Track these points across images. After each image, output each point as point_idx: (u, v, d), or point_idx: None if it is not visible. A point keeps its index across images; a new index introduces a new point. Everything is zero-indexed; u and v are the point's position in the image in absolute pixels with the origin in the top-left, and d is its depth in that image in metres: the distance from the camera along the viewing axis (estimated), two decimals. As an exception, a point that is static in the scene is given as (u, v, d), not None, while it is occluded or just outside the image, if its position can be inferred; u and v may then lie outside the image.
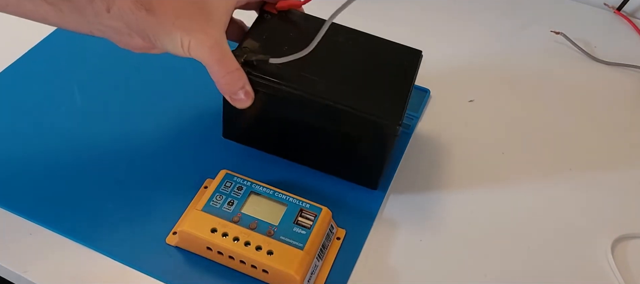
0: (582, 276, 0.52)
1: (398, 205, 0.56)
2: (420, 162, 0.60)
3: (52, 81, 0.63)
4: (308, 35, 0.48)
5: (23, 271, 0.48)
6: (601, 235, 0.55)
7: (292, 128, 0.55)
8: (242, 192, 0.51)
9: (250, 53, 0.51)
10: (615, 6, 0.81)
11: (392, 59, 0.54)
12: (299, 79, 0.50)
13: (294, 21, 0.55)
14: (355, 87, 0.51)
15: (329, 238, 0.51)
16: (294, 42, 0.51)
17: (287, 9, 0.56)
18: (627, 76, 0.72)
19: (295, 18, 0.55)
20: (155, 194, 0.54)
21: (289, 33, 0.54)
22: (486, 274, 0.51)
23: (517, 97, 0.67)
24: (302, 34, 0.52)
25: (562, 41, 0.75)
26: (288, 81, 0.50)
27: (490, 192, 0.58)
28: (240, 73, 0.49)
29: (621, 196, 0.59)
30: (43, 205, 0.52)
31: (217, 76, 0.48)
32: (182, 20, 0.46)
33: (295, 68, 0.50)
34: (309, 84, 0.50)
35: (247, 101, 0.50)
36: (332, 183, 0.56)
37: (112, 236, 0.51)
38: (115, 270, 0.49)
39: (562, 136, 0.64)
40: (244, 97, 0.50)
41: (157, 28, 0.46)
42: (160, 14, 0.45)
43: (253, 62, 0.50)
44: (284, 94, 0.50)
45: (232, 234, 0.48)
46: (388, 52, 0.54)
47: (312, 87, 0.50)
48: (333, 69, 0.52)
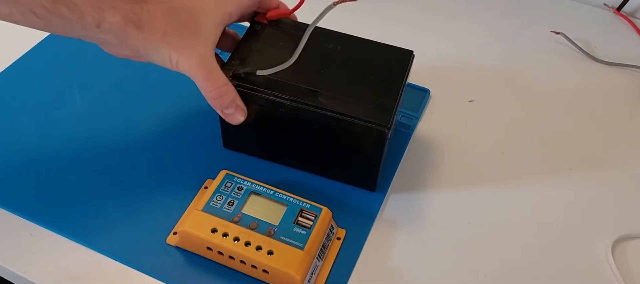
0: (582, 276, 0.52)
1: (398, 205, 0.56)
2: (420, 162, 0.60)
3: (52, 81, 0.63)
4: (298, 43, 0.48)
5: (24, 272, 0.48)
6: (601, 235, 0.55)
7: (288, 136, 0.55)
8: (243, 192, 0.51)
9: (238, 66, 0.51)
10: (615, 6, 0.81)
11: (383, 61, 0.54)
12: (289, 88, 0.50)
13: (285, 30, 0.55)
14: (346, 93, 0.51)
15: (329, 238, 0.51)
16: (284, 51, 0.52)
17: (277, 18, 0.56)
18: (626, 76, 0.72)
19: (286, 27, 0.56)
20: (156, 195, 0.54)
21: (279, 42, 0.54)
22: (486, 275, 0.51)
23: (517, 97, 0.67)
24: (292, 42, 0.52)
25: (562, 41, 0.75)
26: (278, 90, 0.50)
27: (490, 192, 0.58)
28: (229, 88, 0.49)
29: (621, 196, 0.59)
30: (43, 205, 0.52)
31: (206, 92, 0.49)
32: (170, 37, 0.47)
33: (286, 77, 0.51)
34: (299, 92, 0.50)
35: (239, 116, 0.50)
36: (332, 183, 0.56)
37: (113, 236, 0.51)
38: (116, 270, 0.49)
39: (562, 136, 0.64)
40: (235, 111, 0.50)
41: (146, 44, 0.46)
42: (149, 30, 0.46)
43: (241, 74, 0.50)
44: (274, 104, 0.50)
45: (232, 234, 0.48)
46: (380, 54, 0.54)
47: (303, 96, 0.50)
48: (324, 75, 0.52)
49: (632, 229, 0.55)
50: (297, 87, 0.51)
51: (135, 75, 0.65)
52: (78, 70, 0.65)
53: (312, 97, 0.50)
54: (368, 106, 0.50)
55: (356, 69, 0.53)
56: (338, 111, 0.49)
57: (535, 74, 0.71)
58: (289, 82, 0.51)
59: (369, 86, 0.51)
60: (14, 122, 0.59)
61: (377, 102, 0.50)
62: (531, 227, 0.55)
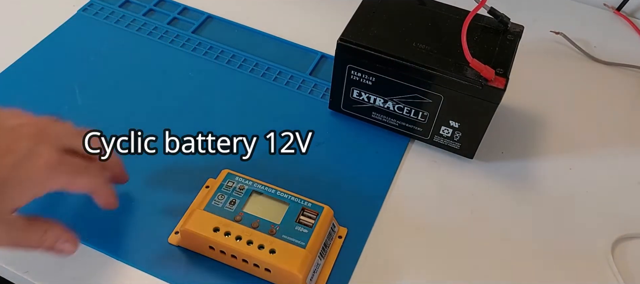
0: (582, 276, 0.52)
1: (399, 204, 0.56)
2: (420, 162, 0.60)
3: (53, 81, 0.63)
4: None
5: (24, 272, 0.48)
6: (601, 235, 0.55)
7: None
8: (244, 191, 0.51)
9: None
10: (615, 6, 0.81)
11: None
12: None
13: None
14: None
15: (330, 237, 0.51)
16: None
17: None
18: (626, 76, 0.72)
19: None
20: (157, 194, 0.54)
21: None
22: (486, 275, 0.51)
23: (517, 97, 0.68)
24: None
25: (562, 41, 0.75)
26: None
27: (490, 192, 0.58)
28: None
29: (621, 196, 0.59)
30: (43, 205, 0.52)
31: None
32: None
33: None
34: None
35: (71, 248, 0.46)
36: (333, 182, 0.56)
37: (114, 236, 0.51)
38: (117, 270, 0.49)
39: (562, 136, 0.64)
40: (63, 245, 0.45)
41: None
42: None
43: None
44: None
45: (234, 233, 0.48)
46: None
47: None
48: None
49: (632, 229, 0.55)
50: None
51: (135, 75, 0.65)
52: (78, 70, 0.65)
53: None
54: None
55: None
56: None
57: (535, 74, 0.71)
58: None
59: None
60: (14, 121, 0.59)
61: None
62: (531, 226, 0.55)
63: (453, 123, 0.57)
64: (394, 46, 0.55)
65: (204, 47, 0.69)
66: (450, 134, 0.58)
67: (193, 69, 0.66)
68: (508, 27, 0.58)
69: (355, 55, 0.56)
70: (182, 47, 0.68)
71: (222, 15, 0.73)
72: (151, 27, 0.70)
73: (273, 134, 0.60)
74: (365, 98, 0.59)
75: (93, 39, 0.68)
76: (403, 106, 0.58)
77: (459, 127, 0.57)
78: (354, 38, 0.56)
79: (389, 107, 0.59)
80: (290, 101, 0.64)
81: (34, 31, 0.68)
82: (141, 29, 0.70)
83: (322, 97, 0.64)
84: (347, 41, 0.55)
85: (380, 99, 0.58)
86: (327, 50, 0.69)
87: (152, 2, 0.73)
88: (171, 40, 0.69)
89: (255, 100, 0.64)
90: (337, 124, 0.62)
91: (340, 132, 0.61)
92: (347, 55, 0.56)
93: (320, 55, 0.69)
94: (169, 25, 0.71)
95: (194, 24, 0.71)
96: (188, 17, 0.73)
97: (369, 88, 0.58)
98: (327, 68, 0.68)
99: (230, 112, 0.62)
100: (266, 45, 0.70)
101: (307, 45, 0.70)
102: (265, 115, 0.62)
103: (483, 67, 0.52)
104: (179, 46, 0.68)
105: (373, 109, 0.60)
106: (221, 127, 0.60)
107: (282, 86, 0.65)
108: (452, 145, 0.59)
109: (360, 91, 0.58)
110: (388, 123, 0.60)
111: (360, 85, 0.58)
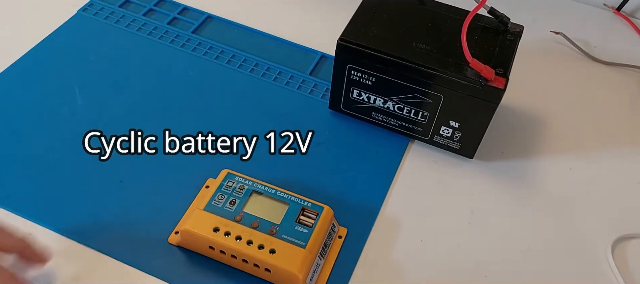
0: (582, 276, 0.52)
1: (399, 204, 0.56)
2: (420, 162, 0.60)
3: (53, 81, 0.63)
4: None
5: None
6: (601, 235, 0.55)
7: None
8: (244, 191, 0.51)
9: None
10: (614, 6, 0.81)
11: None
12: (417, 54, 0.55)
13: None
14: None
15: (330, 237, 0.51)
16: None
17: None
18: (626, 76, 0.72)
19: None
20: (157, 194, 0.54)
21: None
22: (486, 275, 0.51)
23: (517, 97, 0.68)
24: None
25: (562, 41, 0.75)
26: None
27: (490, 193, 0.58)
28: None
29: (621, 196, 0.59)
30: (43, 205, 0.52)
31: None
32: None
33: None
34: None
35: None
36: (333, 182, 0.56)
37: (114, 236, 0.51)
38: (117, 270, 0.49)
39: (562, 136, 0.64)
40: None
41: None
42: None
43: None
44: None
45: (234, 233, 0.48)
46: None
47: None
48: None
49: (632, 229, 0.56)
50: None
51: (135, 75, 0.65)
52: (78, 70, 0.65)
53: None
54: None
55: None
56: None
57: (535, 73, 0.71)
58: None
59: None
60: (14, 122, 0.59)
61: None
62: (531, 227, 0.55)
63: (453, 123, 0.57)
64: (394, 46, 0.55)
65: (204, 47, 0.69)
66: (450, 134, 0.58)
67: (193, 69, 0.66)
68: (508, 27, 0.58)
69: (355, 55, 0.56)
70: (182, 47, 0.68)
71: (222, 15, 0.73)
72: (151, 27, 0.70)
73: (273, 134, 0.60)
74: (365, 98, 0.59)
75: (93, 39, 0.68)
76: (403, 106, 0.58)
77: (459, 127, 0.57)
78: (354, 38, 0.56)
79: (389, 107, 0.59)
80: (290, 101, 0.64)
81: (34, 31, 0.68)
82: (141, 29, 0.70)
83: (322, 97, 0.64)
84: (347, 41, 0.55)
85: (380, 99, 0.58)
86: (327, 50, 0.69)
87: (152, 2, 0.73)
88: (171, 40, 0.69)
89: (255, 100, 0.64)
90: (337, 124, 0.62)
91: (340, 132, 0.61)
92: (347, 55, 0.56)
93: (320, 55, 0.69)
94: (169, 25, 0.71)
95: (194, 24, 0.71)
96: (188, 17, 0.73)
97: (369, 88, 0.58)
98: (327, 68, 0.68)
99: (230, 112, 0.62)
100: (266, 45, 0.70)
101: (307, 45, 0.70)
102: (266, 115, 0.62)
103: (483, 67, 0.52)
104: (179, 46, 0.68)
105: (373, 109, 0.60)
106: (221, 127, 0.60)
107: (282, 85, 0.65)
108: (452, 145, 0.59)
109: (360, 90, 0.58)
110: (388, 123, 0.60)
111: (360, 85, 0.58)
